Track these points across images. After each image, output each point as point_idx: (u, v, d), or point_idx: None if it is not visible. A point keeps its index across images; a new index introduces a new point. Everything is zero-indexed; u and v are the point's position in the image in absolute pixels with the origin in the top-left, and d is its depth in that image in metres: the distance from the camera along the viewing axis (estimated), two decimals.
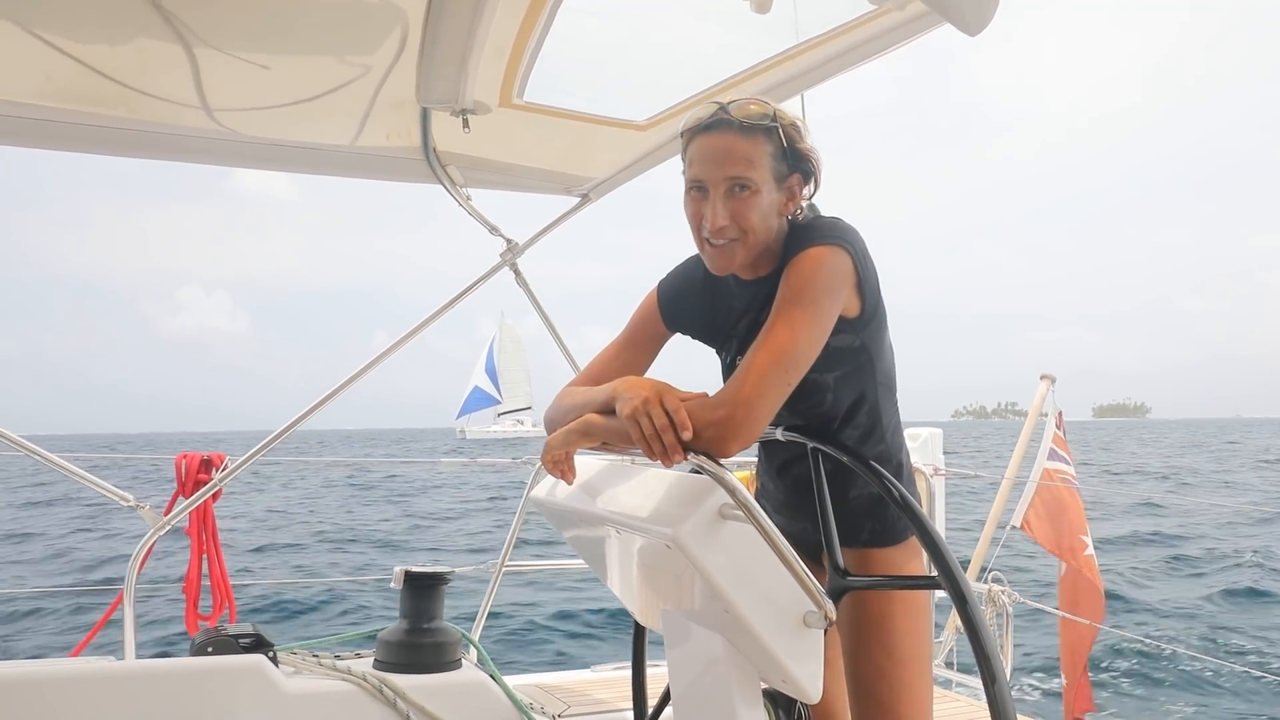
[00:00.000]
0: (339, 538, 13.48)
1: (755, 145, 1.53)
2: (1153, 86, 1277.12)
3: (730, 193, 1.54)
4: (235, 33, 1.83)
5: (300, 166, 2.71)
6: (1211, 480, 26.76)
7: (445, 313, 3.04)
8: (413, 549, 12.85)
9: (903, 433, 1.78)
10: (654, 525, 1.43)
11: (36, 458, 2.58)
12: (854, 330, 1.60)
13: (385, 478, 21.57)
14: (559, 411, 1.64)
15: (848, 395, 1.65)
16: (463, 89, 2.03)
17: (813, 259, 1.51)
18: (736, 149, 1.52)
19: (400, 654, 2.51)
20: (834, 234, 1.54)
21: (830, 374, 1.62)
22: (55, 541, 13.62)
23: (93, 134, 2.36)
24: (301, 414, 2.85)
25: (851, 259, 1.52)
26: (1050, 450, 3.95)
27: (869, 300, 1.58)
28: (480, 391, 61.77)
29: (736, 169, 1.53)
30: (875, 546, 1.73)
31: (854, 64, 2.09)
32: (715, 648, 1.53)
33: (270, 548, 12.64)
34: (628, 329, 1.81)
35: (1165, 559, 12.12)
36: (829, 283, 1.50)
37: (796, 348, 1.45)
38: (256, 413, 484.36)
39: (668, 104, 2.39)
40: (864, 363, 1.64)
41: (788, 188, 1.60)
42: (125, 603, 2.60)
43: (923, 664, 1.69)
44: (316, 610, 8.44)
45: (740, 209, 1.54)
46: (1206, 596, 9.80)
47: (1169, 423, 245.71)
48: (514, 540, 3.19)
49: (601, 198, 3.06)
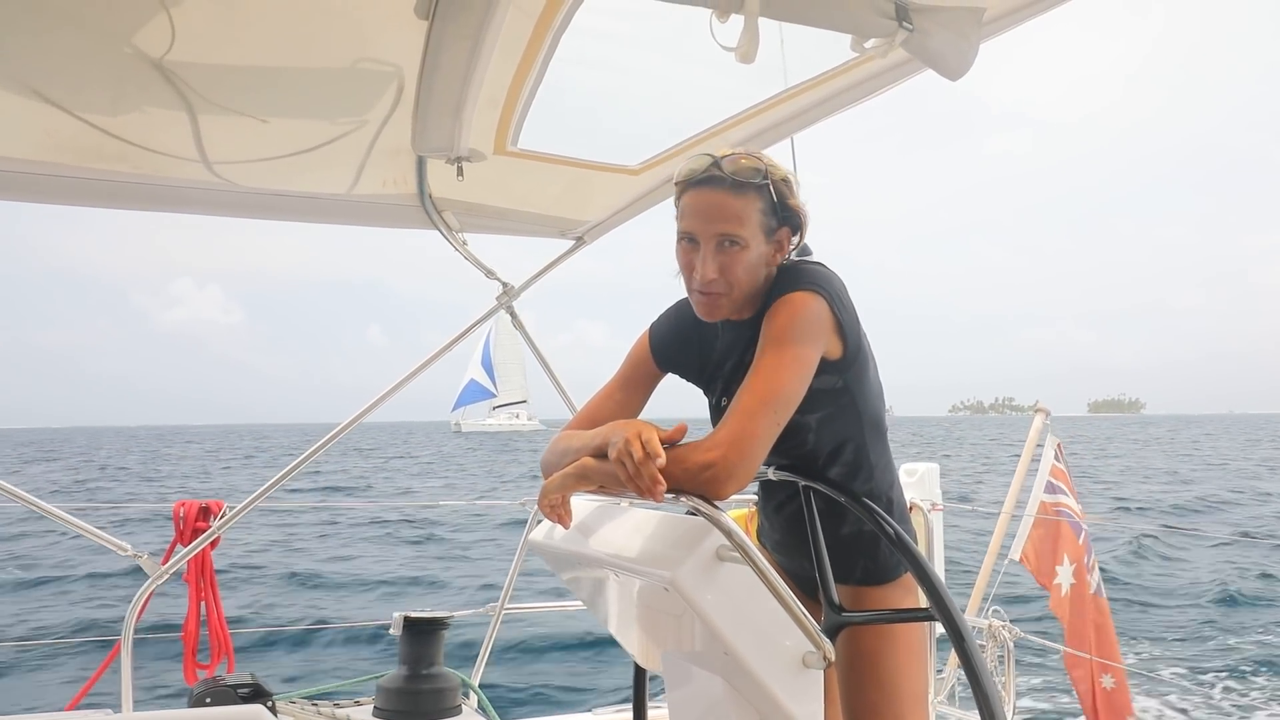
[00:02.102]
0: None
1: (746, 202, 1.58)
2: (1144, 85, 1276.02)
3: (720, 247, 1.58)
4: (234, 90, 1.87)
5: (299, 216, 2.75)
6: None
7: (443, 355, 3.06)
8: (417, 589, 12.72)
9: (894, 469, 1.80)
10: (651, 568, 1.44)
11: (35, 509, 2.58)
12: (837, 371, 1.63)
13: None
14: (555, 455, 1.66)
15: (830, 436, 1.68)
16: (457, 138, 2.07)
17: (791, 304, 1.55)
18: (728, 206, 1.57)
19: (400, 701, 2.50)
20: (812, 280, 1.58)
21: (812, 415, 1.65)
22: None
23: (93, 188, 2.40)
24: (297, 462, 2.86)
25: (829, 304, 1.56)
26: (1048, 483, 3.96)
27: (850, 342, 1.61)
28: (476, 384, 61.41)
29: (727, 226, 1.57)
30: (869, 584, 1.74)
31: (841, 108, 2.13)
32: (715, 690, 1.53)
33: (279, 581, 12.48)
34: (621, 370, 1.85)
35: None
36: (809, 326, 1.53)
37: (785, 389, 1.47)
38: (255, 405, 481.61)
39: (659, 149, 2.43)
40: (846, 404, 1.66)
41: (776, 240, 1.64)
42: (123, 652, 2.59)
43: (919, 700, 1.69)
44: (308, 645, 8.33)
45: (729, 263, 1.58)
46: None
47: (1163, 418, 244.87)
48: (513, 583, 3.18)
49: (596, 240, 3.09)
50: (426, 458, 42.94)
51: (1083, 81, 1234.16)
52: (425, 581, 12.75)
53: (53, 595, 11.42)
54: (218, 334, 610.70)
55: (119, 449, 63.06)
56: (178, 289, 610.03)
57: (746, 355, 1.60)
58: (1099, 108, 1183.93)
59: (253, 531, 16.09)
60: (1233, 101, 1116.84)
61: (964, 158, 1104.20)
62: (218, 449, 60.99)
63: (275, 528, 17.09)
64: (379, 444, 60.00)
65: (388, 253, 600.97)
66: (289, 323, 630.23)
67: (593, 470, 1.53)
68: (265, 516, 17.11)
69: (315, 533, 16.97)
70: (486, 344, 61.54)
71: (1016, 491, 3.93)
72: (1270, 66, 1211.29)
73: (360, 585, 12.30)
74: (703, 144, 2.35)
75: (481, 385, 61.43)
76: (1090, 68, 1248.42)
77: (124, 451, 58.32)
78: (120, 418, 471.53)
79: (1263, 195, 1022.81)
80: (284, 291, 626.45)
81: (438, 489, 27.68)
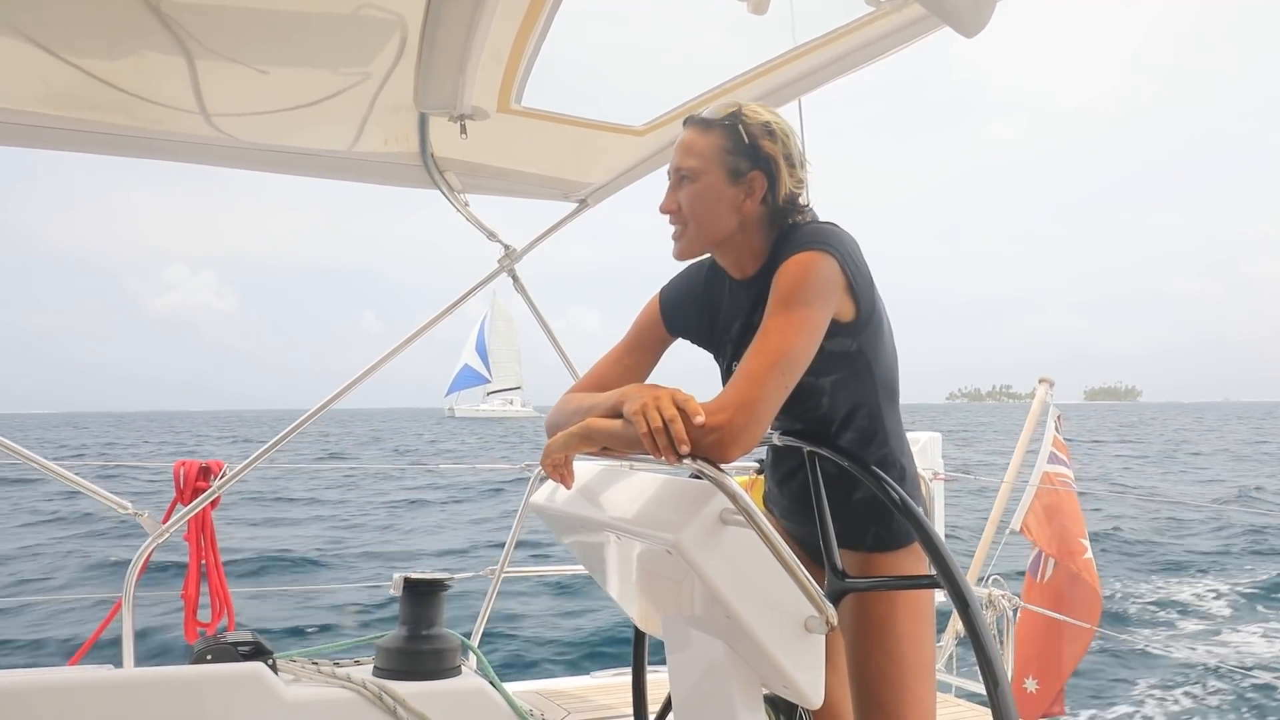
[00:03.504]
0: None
1: (707, 139, 1.62)
2: (1139, 71, 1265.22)
3: (678, 183, 1.64)
4: (234, 39, 1.83)
5: (299, 170, 2.71)
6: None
7: (444, 317, 3.04)
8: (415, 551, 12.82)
9: (906, 437, 1.78)
10: (655, 531, 1.43)
11: (36, 466, 2.58)
12: (850, 334, 1.60)
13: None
14: (561, 415, 1.64)
15: (844, 399, 1.66)
16: (461, 94, 2.03)
17: (799, 264, 1.51)
18: (692, 145, 1.63)
19: (400, 661, 2.50)
20: (821, 239, 1.54)
21: (826, 378, 1.63)
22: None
23: (90, 138, 2.36)
24: (298, 423, 2.85)
25: (840, 263, 1.52)
26: (1050, 454, 3.95)
27: (863, 303, 1.58)
28: (470, 370, 61.60)
29: (685, 160, 1.63)
30: (879, 551, 1.73)
31: (852, 68, 2.09)
32: (716, 653, 1.52)
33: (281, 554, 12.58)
34: (631, 333, 1.82)
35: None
36: (818, 287, 1.50)
37: (792, 350, 1.45)
38: (246, 392, 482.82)
39: (664, 109, 2.39)
40: (861, 367, 1.64)
41: (746, 183, 1.61)
42: (124, 610, 2.60)
43: (925, 668, 1.68)
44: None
45: (685, 196, 1.63)
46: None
47: (1158, 406, 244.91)
48: (513, 546, 3.18)
49: (599, 203, 3.06)
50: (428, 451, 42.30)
51: (1078, 68, 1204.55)
52: (427, 548, 12.85)
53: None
54: (211, 319, 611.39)
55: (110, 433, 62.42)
56: (171, 274, 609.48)
57: (754, 316, 1.58)
58: (1094, 94, 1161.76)
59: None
60: (1228, 89, 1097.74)
61: (960, 144, 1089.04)
62: (216, 432, 60.65)
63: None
64: (381, 432, 59.76)
65: (381, 240, 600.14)
66: (281, 309, 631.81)
67: (598, 431, 1.51)
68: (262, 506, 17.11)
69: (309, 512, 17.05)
70: (481, 330, 61.71)
71: (1019, 461, 3.92)
72: (1265, 53, 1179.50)
73: (366, 556, 12.38)
74: (708, 104, 2.30)
75: (475, 371, 61.63)
76: (1086, 54, 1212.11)
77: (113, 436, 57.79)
78: (112, 403, 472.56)
79: (1259, 184, 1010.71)
80: (277, 278, 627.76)
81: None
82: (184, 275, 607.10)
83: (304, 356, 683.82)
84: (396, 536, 14.12)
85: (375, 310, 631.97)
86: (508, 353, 73.29)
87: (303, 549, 12.30)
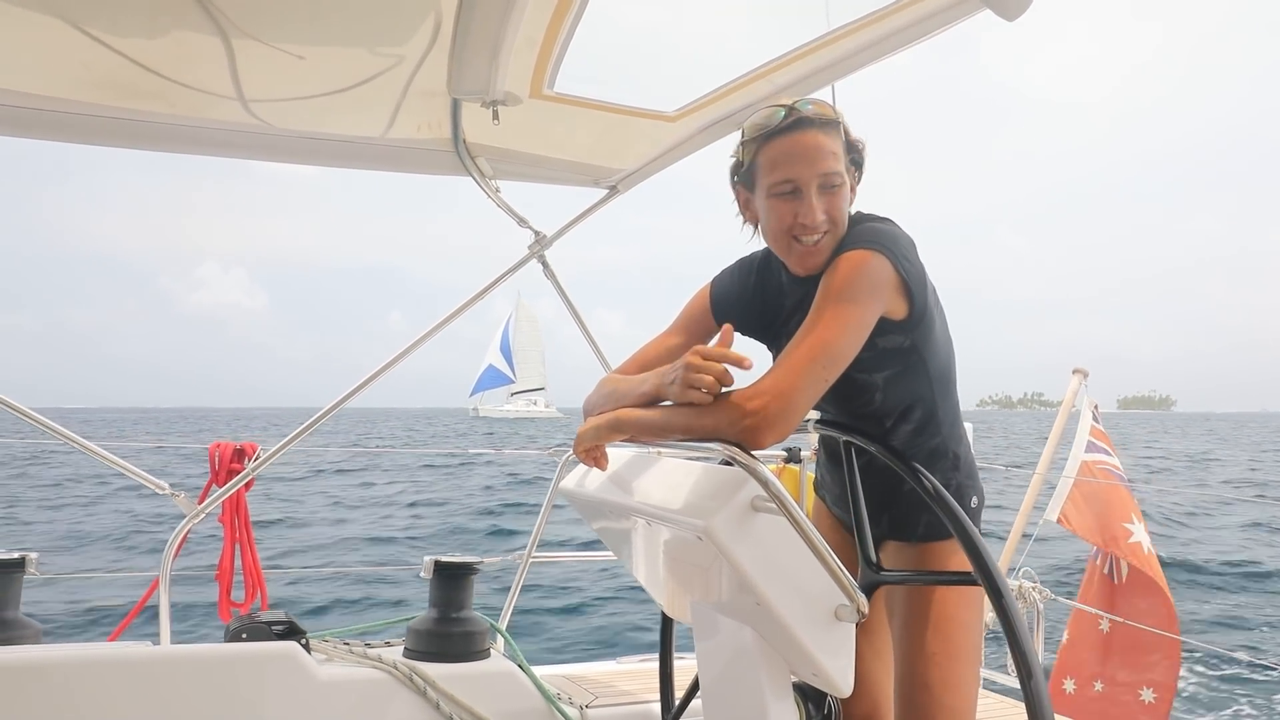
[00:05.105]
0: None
1: (835, 141, 1.59)
2: (1182, 75, 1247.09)
3: (823, 190, 1.58)
4: (271, 22, 1.84)
5: (332, 160, 2.73)
6: None
7: (475, 303, 3.05)
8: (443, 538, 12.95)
9: (962, 424, 1.77)
10: (685, 517, 1.43)
11: (75, 445, 2.63)
12: (903, 331, 1.60)
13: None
14: (600, 396, 1.66)
15: (898, 395, 1.67)
16: (494, 80, 2.03)
17: (850, 261, 1.52)
18: (824, 146, 1.57)
19: (430, 643, 2.53)
20: (875, 238, 1.55)
21: (879, 374, 1.64)
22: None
23: (129, 128, 2.39)
24: (330, 407, 2.88)
25: (892, 263, 1.53)
26: (1089, 443, 3.90)
27: (916, 301, 1.58)
28: (494, 370, 61.96)
29: (828, 164, 1.57)
30: (932, 540, 1.73)
31: (887, 53, 2.06)
32: (745, 640, 1.52)
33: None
34: (679, 320, 1.85)
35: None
36: (868, 285, 1.50)
37: (835, 344, 1.45)
38: (275, 388, 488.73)
39: (697, 94, 2.37)
40: (915, 362, 1.65)
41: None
42: (161, 588, 2.64)
43: (974, 655, 1.69)
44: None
45: (833, 203, 1.59)
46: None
47: (1191, 416, 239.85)
48: (541, 530, 3.20)
49: (630, 189, 3.05)
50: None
51: (1110, 65, 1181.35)
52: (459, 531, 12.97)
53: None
54: (241, 317, 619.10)
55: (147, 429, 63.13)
56: (203, 272, 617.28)
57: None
58: (1127, 92, 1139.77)
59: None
60: (1267, 90, 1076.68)
61: (989, 144, 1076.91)
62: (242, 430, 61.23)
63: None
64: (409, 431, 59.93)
65: (409, 240, 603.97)
66: (310, 308, 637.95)
67: (628, 421, 1.53)
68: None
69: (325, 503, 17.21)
70: (505, 331, 62.03)
71: (1051, 452, 3.87)
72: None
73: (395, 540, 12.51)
74: (741, 90, 2.29)
75: (500, 371, 61.98)
76: (1121, 50, 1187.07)
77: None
78: (144, 399, 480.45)
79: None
80: (306, 276, 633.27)
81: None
82: (216, 273, 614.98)
83: (332, 353, 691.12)
84: (424, 522, 14.27)
85: (402, 309, 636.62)
86: (532, 353, 73.69)
87: (337, 534, 12.48)
